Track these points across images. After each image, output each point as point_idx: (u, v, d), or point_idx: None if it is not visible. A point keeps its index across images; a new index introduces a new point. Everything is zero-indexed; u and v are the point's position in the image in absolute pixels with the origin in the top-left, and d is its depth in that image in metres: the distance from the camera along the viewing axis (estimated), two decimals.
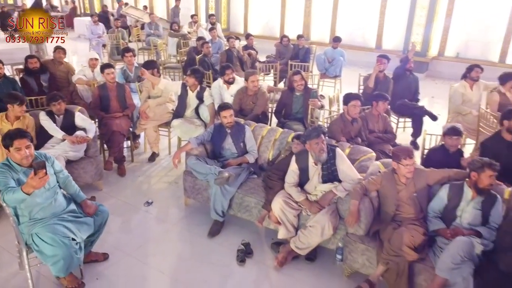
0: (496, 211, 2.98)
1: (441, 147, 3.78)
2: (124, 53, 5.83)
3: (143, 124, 5.16)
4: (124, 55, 5.83)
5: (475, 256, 2.76)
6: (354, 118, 4.27)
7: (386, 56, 5.91)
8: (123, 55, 5.89)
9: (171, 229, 4.01)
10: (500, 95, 5.28)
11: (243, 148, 4.15)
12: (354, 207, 3.12)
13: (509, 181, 3.28)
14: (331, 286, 3.28)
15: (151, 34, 10.62)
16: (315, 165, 3.48)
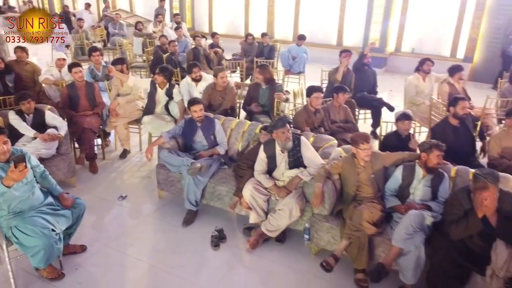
0: (444, 187, 3.33)
1: (394, 132, 4.13)
2: (91, 53, 5.88)
3: (113, 121, 5.24)
4: (91, 54, 5.88)
5: (425, 227, 3.09)
6: (316, 109, 4.56)
7: (350, 51, 6.28)
8: (90, 54, 5.94)
9: (146, 221, 4.16)
10: (449, 86, 5.72)
11: (213, 141, 4.34)
12: (318, 189, 3.39)
13: (455, 161, 3.64)
14: (300, 264, 3.53)
15: (115, 34, 10.58)
16: (282, 153, 3.73)
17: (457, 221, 2.93)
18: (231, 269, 3.49)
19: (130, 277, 3.38)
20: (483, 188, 2.78)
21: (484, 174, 2.83)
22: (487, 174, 2.83)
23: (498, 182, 2.85)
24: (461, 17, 9.70)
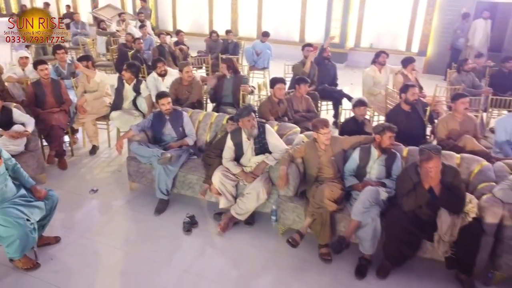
0: (396, 166, 3.64)
1: (352, 118, 4.45)
2: (56, 50, 5.88)
3: (81, 118, 5.29)
4: (56, 52, 5.87)
5: (380, 201, 3.39)
6: (280, 100, 4.80)
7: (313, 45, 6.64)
8: (54, 52, 5.93)
9: (118, 212, 4.27)
10: (403, 77, 6.13)
11: (182, 132, 4.49)
12: (283, 172, 3.63)
13: (408, 143, 3.97)
14: (269, 243, 3.76)
15: (77, 33, 10.47)
16: (248, 140, 3.94)
17: (408, 193, 3.24)
18: (204, 251, 3.68)
19: (104, 264, 3.49)
20: (428, 159, 3.10)
21: (428, 147, 3.15)
22: (431, 147, 3.15)
23: (440, 153, 3.17)
24: (414, 13, 10.28)
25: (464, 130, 4.32)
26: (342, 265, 3.47)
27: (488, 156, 3.96)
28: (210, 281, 3.29)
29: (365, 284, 3.31)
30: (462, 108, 4.30)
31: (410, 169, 3.33)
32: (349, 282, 3.32)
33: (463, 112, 4.34)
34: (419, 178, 3.22)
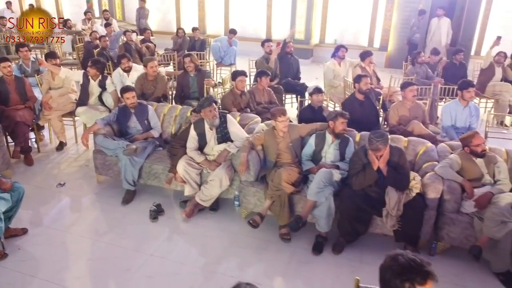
0: (349, 150, 3.90)
1: (308, 106, 4.70)
2: (19, 48, 5.88)
3: (46, 115, 5.33)
4: (19, 50, 5.88)
5: (334, 182, 3.64)
6: (242, 92, 5.00)
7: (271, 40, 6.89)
8: (17, 50, 5.93)
9: (86, 203, 4.37)
10: (361, 69, 6.44)
11: (147, 125, 4.63)
12: (243, 158, 3.83)
13: (362, 129, 4.25)
14: (232, 227, 3.95)
15: None
16: (210, 130, 4.12)
17: (357, 174, 3.50)
18: (170, 236, 3.84)
19: (72, 251, 3.60)
20: (376, 149, 3.38)
21: (377, 137, 3.38)
22: (379, 137, 3.39)
23: (388, 142, 3.43)
24: (375, 10, 10.70)
25: (413, 116, 4.64)
26: (300, 244, 3.70)
27: (433, 139, 4.29)
28: (175, 263, 3.45)
29: (321, 259, 3.55)
30: (410, 95, 4.62)
31: (360, 151, 3.59)
32: (306, 259, 3.55)
33: (412, 100, 4.66)
34: (368, 160, 3.48)
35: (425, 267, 1.57)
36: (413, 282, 1.56)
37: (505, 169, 3.56)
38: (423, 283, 1.56)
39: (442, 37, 9.07)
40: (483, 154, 3.54)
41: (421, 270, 1.56)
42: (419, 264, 1.58)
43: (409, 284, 1.56)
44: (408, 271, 1.57)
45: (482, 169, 3.59)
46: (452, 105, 4.74)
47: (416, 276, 1.56)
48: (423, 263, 1.59)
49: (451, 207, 3.49)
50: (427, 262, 1.61)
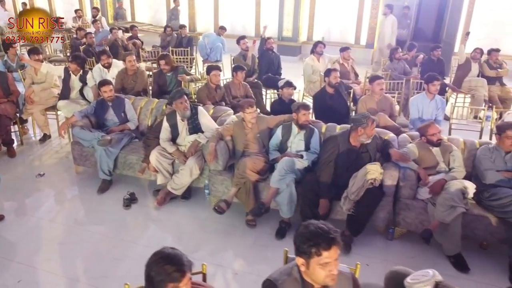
0: (314, 140, 4.06)
1: (279, 99, 4.86)
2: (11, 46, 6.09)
3: (29, 108, 5.49)
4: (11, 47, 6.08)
5: (296, 170, 3.80)
6: (217, 85, 5.17)
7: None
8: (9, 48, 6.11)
9: (63, 192, 4.53)
10: (340, 65, 6.61)
11: (124, 118, 4.79)
12: (211, 148, 3.99)
13: (332, 120, 4.40)
14: (203, 214, 4.12)
15: None
16: (182, 121, 4.29)
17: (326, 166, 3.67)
18: (141, 222, 4.01)
19: (46, 237, 3.77)
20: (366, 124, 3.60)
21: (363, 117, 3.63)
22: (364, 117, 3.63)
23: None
24: (361, 8, 10.84)
25: (381, 109, 4.80)
26: (264, 229, 3.87)
27: (397, 130, 4.45)
28: (144, 247, 3.61)
29: (283, 244, 3.70)
30: (378, 89, 4.79)
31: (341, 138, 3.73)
32: (269, 243, 3.72)
33: (380, 93, 4.82)
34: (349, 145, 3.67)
35: (331, 234, 1.72)
36: (319, 247, 1.71)
37: (459, 158, 3.73)
38: (327, 248, 1.71)
39: (385, 35, 9.07)
40: (438, 143, 3.71)
41: (326, 236, 1.71)
42: (325, 231, 1.73)
43: (315, 249, 1.71)
44: (315, 237, 1.72)
45: (438, 157, 3.75)
46: (419, 98, 4.90)
47: (322, 241, 1.71)
48: (330, 230, 1.74)
49: (407, 194, 3.66)
50: (334, 231, 1.76)
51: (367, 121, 3.62)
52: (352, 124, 3.71)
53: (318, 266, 1.73)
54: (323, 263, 1.71)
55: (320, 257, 1.71)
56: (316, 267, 1.73)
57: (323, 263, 1.71)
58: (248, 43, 6.91)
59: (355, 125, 3.65)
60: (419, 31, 10.79)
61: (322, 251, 1.70)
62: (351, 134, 3.70)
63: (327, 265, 1.72)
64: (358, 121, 3.65)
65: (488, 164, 3.61)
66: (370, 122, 3.64)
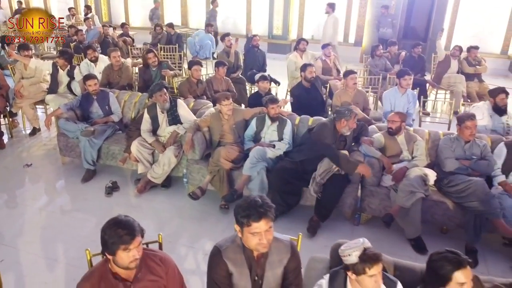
0: (287, 131, 4.26)
1: (256, 92, 5.06)
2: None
3: (18, 102, 5.69)
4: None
5: (267, 159, 4.00)
6: (198, 80, 5.37)
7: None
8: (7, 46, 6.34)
9: (49, 181, 4.74)
10: (322, 62, 6.81)
11: (108, 110, 4.98)
12: (188, 138, 4.20)
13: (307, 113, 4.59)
14: (180, 202, 4.31)
15: None
16: (162, 113, 4.49)
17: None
18: (124, 209, 4.18)
19: (31, 222, 3.96)
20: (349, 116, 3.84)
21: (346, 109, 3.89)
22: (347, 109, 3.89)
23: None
24: (349, 7, 11.07)
25: (354, 102, 5.00)
26: None
27: (369, 122, 4.65)
28: None
29: None
30: (351, 83, 4.99)
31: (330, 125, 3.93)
32: None
33: (353, 87, 5.03)
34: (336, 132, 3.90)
35: (262, 208, 1.90)
36: (249, 218, 1.90)
37: (422, 147, 3.93)
38: (257, 220, 1.89)
39: (326, 34, 9.10)
40: (391, 130, 3.91)
41: (257, 210, 1.89)
42: (258, 205, 1.91)
43: (246, 219, 1.90)
44: (247, 209, 1.91)
45: (402, 146, 3.96)
46: (391, 92, 5.10)
47: (253, 214, 1.89)
48: (263, 205, 1.91)
49: (371, 181, 3.86)
50: (268, 205, 1.93)
51: (350, 114, 3.84)
52: (336, 116, 3.91)
53: (249, 235, 1.92)
54: (253, 232, 1.90)
55: (251, 227, 1.90)
56: (248, 235, 1.93)
57: (253, 232, 1.91)
58: (232, 40, 7.10)
59: (339, 117, 3.86)
60: (411, 30, 10.96)
61: (252, 222, 1.89)
62: (335, 124, 3.91)
63: (257, 235, 1.91)
64: (342, 114, 3.86)
65: (449, 153, 3.81)
66: (353, 116, 3.86)
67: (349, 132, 3.95)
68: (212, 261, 2.03)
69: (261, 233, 1.90)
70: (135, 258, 1.86)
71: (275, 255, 2.03)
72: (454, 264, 1.91)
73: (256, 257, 2.02)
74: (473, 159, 3.76)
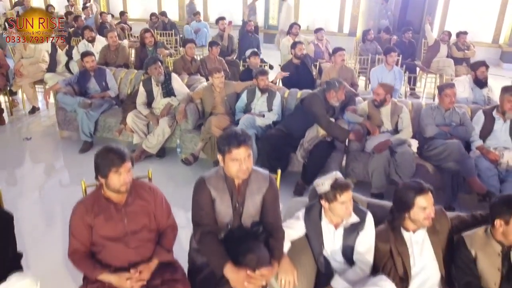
0: (276, 102, 4.45)
1: (247, 68, 5.26)
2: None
3: (18, 81, 5.88)
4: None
5: (256, 126, 4.20)
6: (192, 58, 5.56)
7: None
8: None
9: (47, 153, 4.93)
10: (314, 45, 7.01)
11: (105, 86, 5.16)
12: (181, 108, 4.39)
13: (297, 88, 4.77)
14: (174, 170, 4.49)
15: None
16: (157, 86, 4.67)
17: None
18: None
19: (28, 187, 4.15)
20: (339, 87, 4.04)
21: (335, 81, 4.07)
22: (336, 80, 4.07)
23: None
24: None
25: (343, 78, 5.16)
26: None
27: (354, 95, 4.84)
28: None
29: None
30: (339, 60, 5.19)
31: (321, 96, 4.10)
32: None
33: (341, 63, 5.22)
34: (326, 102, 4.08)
35: (241, 137, 2.09)
36: (230, 145, 2.08)
37: (407, 119, 4.06)
38: (237, 147, 2.07)
39: (281, 20, 9.39)
40: (377, 103, 4.08)
41: (237, 138, 2.07)
42: (237, 134, 2.09)
43: (228, 147, 2.08)
44: (228, 138, 2.09)
45: (386, 118, 4.12)
46: (378, 69, 5.30)
47: (232, 141, 2.07)
48: (242, 134, 2.11)
49: (355, 147, 4.05)
50: (246, 135, 2.12)
51: (339, 85, 4.03)
52: (326, 87, 4.10)
53: (230, 162, 2.10)
54: (234, 158, 2.09)
55: (231, 153, 2.08)
56: (230, 162, 2.11)
57: (234, 159, 2.09)
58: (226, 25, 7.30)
59: (329, 88, 4.05)
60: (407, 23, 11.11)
61: (232, 148, 2.07)
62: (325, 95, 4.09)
63: (237, 161, 2.09)
64: (331, 85, 4.05)
65: (429, 120, 3.99)
66: (342, 87, 4.05)
67: (338, 103, 4.13)
68: (197, 188, 2.22)
69: (241, 160, 2.08)
70: (125, 182, 2.04)
71: (254, 184, 2.22)
72: (416, 190, 2.09)
73: (237, 185, 2.21)
74: (452, 125, 3.95)
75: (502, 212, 1.99)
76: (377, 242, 2.21)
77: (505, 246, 2.03)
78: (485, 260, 2.04)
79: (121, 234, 2.06)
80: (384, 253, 2.18)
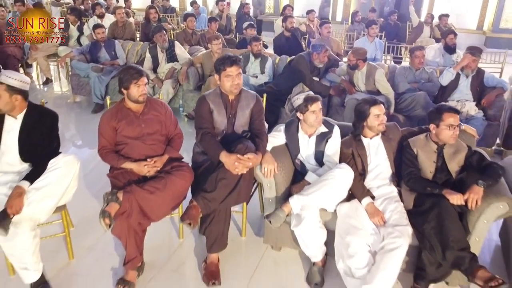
0: (268, 65, 5.01)
1: (243, 39, 5.81)
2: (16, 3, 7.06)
3: (34, 54, 6.42)
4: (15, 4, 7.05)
5: (250, 85, 4.76)
6: (193, 31, 6.15)
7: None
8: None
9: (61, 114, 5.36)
10: (306, 26, 7.56)
11: (114, 56, 5.71)
12: (183, 70, 4.95)
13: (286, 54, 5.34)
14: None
15: None
16: (161, 52, 5.23)
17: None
18: None
19: None
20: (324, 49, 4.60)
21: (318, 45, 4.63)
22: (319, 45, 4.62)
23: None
24: None
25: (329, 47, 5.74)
26: None
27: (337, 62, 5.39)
28: None
29: None
30: (325, 32, 5.75)
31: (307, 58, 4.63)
32: None
33: (327, 35, 5.78)
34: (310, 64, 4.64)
35: (234, 57, 2.65)
36: (225, 64, 2.63)
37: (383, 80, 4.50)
38: (230, 65, 2.62)
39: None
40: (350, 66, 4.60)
41: (230, 58, 2.63)
42: (231, 56, 2.66)
43: (223, 66, 2.64)
44: (223, 59, 2.65)
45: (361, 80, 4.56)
46: (361, 40, 5.86)
47: (226, 61, 2.63)
48: (234, 56, 2.67)
49: (336, 101, 4.61)
50: (239, 58, 2.68)
51: (321, 49, 4.59)
52: (311, 50, 4.67)
53: (225, 78, 2.66)
54: (228, 75, 2.64)
55: (225, 71, 2.64)
56: (224, 79, 2.67)
57: (228, 75, 2.64)
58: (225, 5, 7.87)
59: (313, 51, 4.61)
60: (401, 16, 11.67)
61: (226, 67, 2.64)
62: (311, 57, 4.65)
63: (230, 77, 2.65)
64: (315, 48, 4.61)
65: (401, 78, 4.55)
66: (323, 50, 4.61)
67: (322, 65, 4.69)
68: (199, 102, 2.78)
69: (233, 76, 2.64)
70: (143, 93, 2.59)
71: (244, 101, 2.78)
72: (370, 103, 2.65)
73: (231, 101, 2.77)
74: (421, 82, 4.51)
75: (434, 118, 2.55)
76: (342, 148, 2.77)
77: (439, 145, 2.59)
78: (424, 156, 2.60)
79: (139, 135, 2.61)
80: (347, 155, 2.74)
